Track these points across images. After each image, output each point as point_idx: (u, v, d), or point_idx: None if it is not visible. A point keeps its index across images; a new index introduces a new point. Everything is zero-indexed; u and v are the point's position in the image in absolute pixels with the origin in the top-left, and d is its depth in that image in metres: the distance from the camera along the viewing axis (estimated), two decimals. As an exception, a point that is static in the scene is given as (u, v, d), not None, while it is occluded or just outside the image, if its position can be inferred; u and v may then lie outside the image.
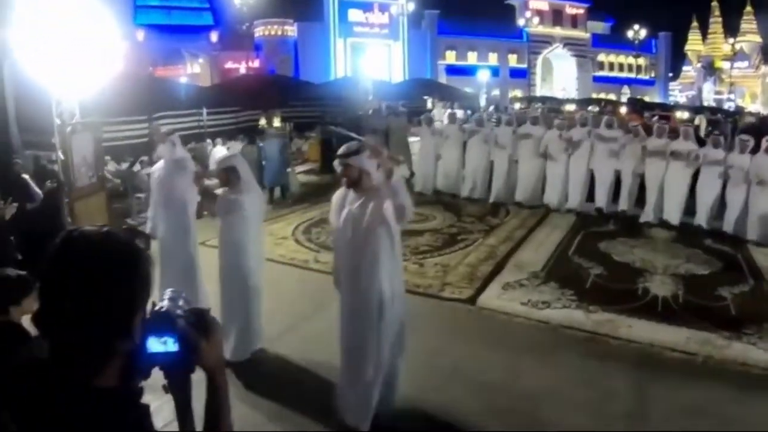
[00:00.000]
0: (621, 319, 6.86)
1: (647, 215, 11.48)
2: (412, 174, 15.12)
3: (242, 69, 40.69)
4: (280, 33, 45.75)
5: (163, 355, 1.35)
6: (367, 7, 47.32)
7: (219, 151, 16.68)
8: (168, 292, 1.46)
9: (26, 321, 3.51)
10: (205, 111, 16.83)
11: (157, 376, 1.39)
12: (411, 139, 15.86)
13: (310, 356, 5.68)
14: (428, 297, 7.50)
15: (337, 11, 46.18)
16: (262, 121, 16.72)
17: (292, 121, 17.16)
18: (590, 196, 12.28)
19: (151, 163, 9.25)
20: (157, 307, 1.41)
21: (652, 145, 11.52)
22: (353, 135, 10.25)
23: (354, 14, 46.93)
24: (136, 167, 12.17)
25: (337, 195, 4.73)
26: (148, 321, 1.37)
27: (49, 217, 8.26)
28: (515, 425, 4.70)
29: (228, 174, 5.67)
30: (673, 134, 11.85)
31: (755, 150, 10.56)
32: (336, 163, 4.65)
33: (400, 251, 4.78)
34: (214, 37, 42.65)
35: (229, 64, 41.46)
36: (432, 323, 6.55)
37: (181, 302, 1.45)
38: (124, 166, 12.45)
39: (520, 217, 11.90)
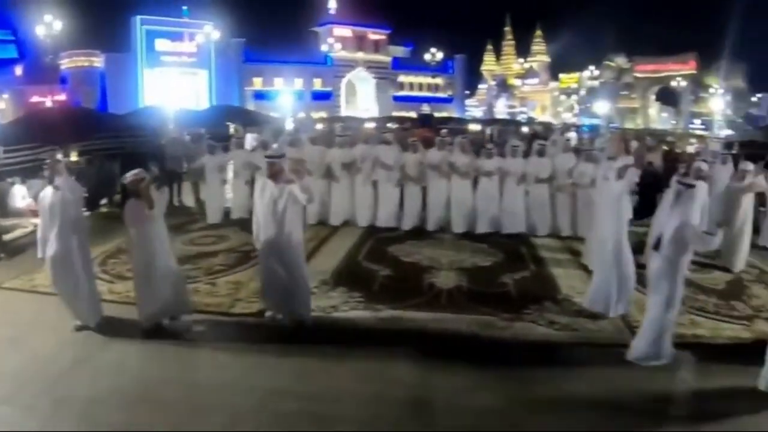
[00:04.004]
0: (407, 314, 7.21)
1: (432, 225, 11.69)
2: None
3: (48, 102, 39.43)
4: (86, 64, 45.22)
5: None
6: (175, 37, 47.69)
7: (19, 191, 16.44)
8: None
9: None
10: (1, 149, 16.76)
11: None
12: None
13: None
14: (219, 315, 7.39)
15: (144, 41, 46.26)
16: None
17: (93, 154, 17.38)
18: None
19: None
20: None
21: (431, 159, 11.67)
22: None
23: (161, 44, 47.11)
24: None
25: (259, 183, 7.15)
26: None
27: None
28: (306, 427, 4.92)
29: (145, 186, 6.68)
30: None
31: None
32: (266, 160, 7.07)
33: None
34: (18, 70, 41.25)
35: (35, 98, 39.78)
36: (221, 340, 6.67)
37: None
38: None
39: (314, 229, 11.59)
